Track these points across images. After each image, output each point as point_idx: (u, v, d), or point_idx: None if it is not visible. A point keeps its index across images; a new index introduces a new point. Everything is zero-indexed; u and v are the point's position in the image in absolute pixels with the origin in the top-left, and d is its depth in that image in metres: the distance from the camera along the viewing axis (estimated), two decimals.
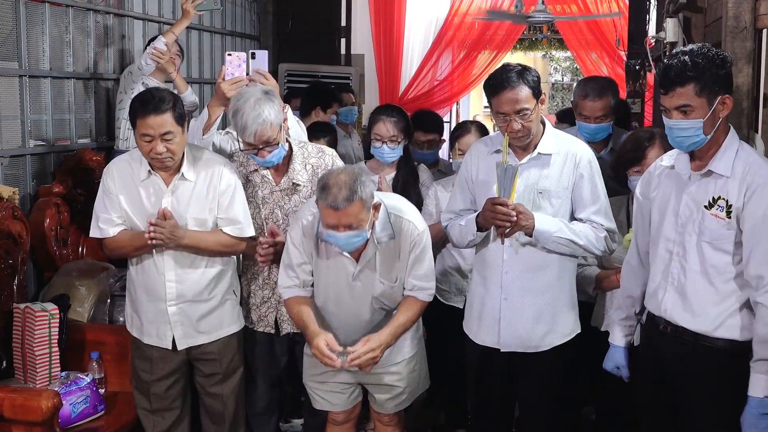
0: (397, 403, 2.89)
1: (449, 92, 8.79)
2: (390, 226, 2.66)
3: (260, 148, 2.80)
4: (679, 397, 2.37)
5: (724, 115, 2.24)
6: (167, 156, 2.70)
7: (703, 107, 2.21)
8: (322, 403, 2.90)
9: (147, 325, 2.89)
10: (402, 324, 2.69)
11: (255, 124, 2.73)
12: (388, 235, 2.65)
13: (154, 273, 2.83)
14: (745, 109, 2.88)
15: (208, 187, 2.82)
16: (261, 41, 6.27)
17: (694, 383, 2.32)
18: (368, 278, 2.69)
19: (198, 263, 2.85)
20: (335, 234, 2.52)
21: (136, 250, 2.82)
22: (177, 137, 2.71)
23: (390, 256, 2.68)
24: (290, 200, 2.96)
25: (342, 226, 2.50)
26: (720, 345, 2.26)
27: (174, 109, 2.70)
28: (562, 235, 2.64)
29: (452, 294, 3.54)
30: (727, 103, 2.24)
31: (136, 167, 2.81)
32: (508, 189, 2.58)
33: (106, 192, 2.82)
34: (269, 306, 3.02)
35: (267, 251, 2.88)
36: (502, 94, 2.60)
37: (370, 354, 2.59)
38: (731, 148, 2.26)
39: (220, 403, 2.98)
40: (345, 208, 2.46)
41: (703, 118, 2.21)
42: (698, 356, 2.30)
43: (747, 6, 2.85)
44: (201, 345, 2.91)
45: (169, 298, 2.83)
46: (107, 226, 2.81)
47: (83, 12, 3.99)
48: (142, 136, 2.69)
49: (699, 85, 2.20)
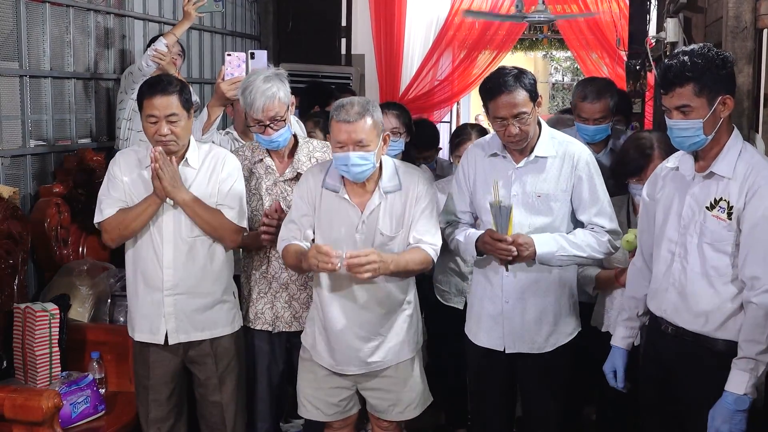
0: (399, 410, 2.82)
1: (450, 92, 8.79)
2: (397, 177, 2.68)
3: (267, 124, 2.82)
4: (681, 397, 2.37)
5: (725, 116, 2.24)
6: (171, 138, 2.72)
7: (702, 108, 2.21)
8: (313, 413, 2.82)
9: (140, 319, 2.86)
10: (406, 259, 2.62)
11: (264, 97, 2.78)
12: (395, 186, 2.66)
13: (153, 260, 2.81)
14: (745, 109, 2.88)
15: (211, 175, 2.83)
16: (261, 41, 6.27)
17: (695, 384, 2.32)
18: (371, 231, 2.67)
19: (197, 254, 2.83)
20: (344, 154, 2.54)
21: (135, 218, 2.76)
22: (182, 121, 2.73)
23: (395, 208, 2.67)
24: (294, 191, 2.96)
25: (352, 143, 2.53)
26: (720, 346, 2.27)
27: (181, 93, 2.74)
28: (565, 252, 2.63)
29: (452, 295, 3.55)
30: (728, 103, 2.23)
31: (143, 155, 2.83)
32: (504, 226, 2.58)
33: (111, 177, 2.83)
34: (266, 302, 3.01)
35: (271, 222, 2.86)
36: (499, 98, 2.58)
37: (371, 257, 2.50)
38: (734, 150, 2.26)
39: (218, 412, 2.94)
40: (356, 121, 2.52)
41: (703, 119, 2.21)
42: (698, 357, 2.30)
43: (747, 6, 2.84)
44: (195, 344, 2.87)
45: (166, 287, 2.81)
46: (109, 209, 2.80)
47: (84, 12, 3.99)
48: (147, 117, 2.71)
49: (698, 85, 2.20)
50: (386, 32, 8.48)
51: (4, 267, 3.18)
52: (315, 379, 2.80)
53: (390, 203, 2.66)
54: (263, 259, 3.00)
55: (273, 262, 2.98)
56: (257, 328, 3.03)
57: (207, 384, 2.93)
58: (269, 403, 3.14)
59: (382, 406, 2.83)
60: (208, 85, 5.40)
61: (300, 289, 2.99)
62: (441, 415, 3.88)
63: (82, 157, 3.78)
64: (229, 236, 2.86)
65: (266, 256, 2.99)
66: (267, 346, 3.06)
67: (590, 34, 8.33)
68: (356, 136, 2.52)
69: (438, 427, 3.87)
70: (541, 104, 2.68)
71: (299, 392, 2.87)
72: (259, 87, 2.79)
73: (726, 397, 2.20)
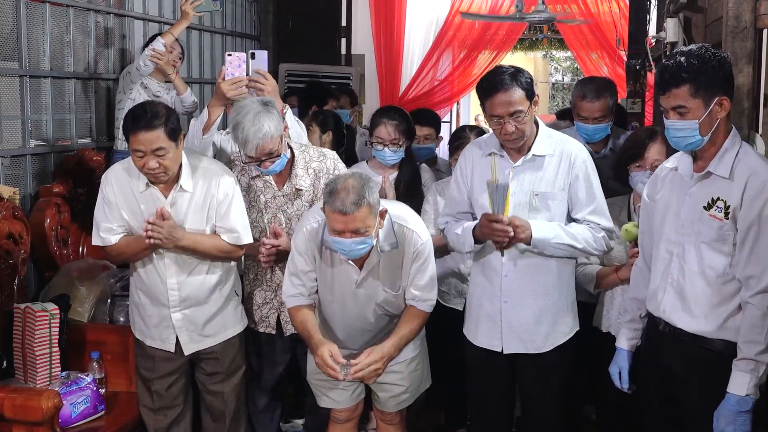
0: (398, 402, 2.90)
1: (450, 92, 8.80)
2: (393, 234, 2.66)
3: (263, 160, 2.81)
4: (680, 398, 2.37)
5: (722, 117, 2.24)
6: (160, 171, 2.69)
7: (699, 108, 2.21)
8: (326, 401, 2.90)
9: (151, 329, 2.90)
10: (405, 336, 2.70)
11: (256, 138, 2.73)
12: (391, 244, 2.65)
13: (157, 279, 2.84)
14: (745, 109, 2.88)
15: (206, 196, 2.81)
16: (261, 41, 6.27)
17: (694, 385, 2.32)
18: (371, 285, 2.69)
19: (200, 269, 2.86)
20: (342, 240, 2.52)
21: (136, 254, 2.83)
22: (170, 152, 2.68)
23: (393, 264, 2.69)
24: (293, 205, 2.97)
25: (349, 231, 2.49)
26: (717, 346, 2.27)
27: (166, 124, 2.66)
28: (560, 240, 2.64)
29: (452, 296, 3.55)
30: (724, 104, 2.23)
31: (134, 179, 2.80)
32: (501, 206, 2.59)
33: (106, 201, 2.82)
34: (271, 307, 3.02)
35: (270, 251, 2.88)
36: (495, 96, 2.58)
37: (373, 366, 2.60)
38: (731, 150, 2.26)
39: (220, 401, 2.99)
40: (353, 212, 2.46)
41: (699, 119, 2.21)
42: (697, 357, 2.30)
43: (747, 6, 2.85)
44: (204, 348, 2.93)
45: (172, 304, 2.84)
46: (108, 235, 2.82)
47: (84, 12, 3.99)
48: (134, 152, 2.68)
49: (694, 86, 2.20)
50: (386, 32, 8.48)
51: (4, 267, 3.18)
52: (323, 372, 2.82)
53: (387, 260, 2.68)
54: (267, 269, 3.01)
55: (277, 272, 2.99)
56: (260, 331, 3.04)
57: (212, 378, 2.98)
58: (270, 403, 3.14)
59: (385, 397, 2.88)
60: (208, 85, 5.40)
61: None
62: (441, 415, 3.89)
63: (82, 157, 3.78)
64: (231, 257, 2.91)
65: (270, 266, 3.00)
66: (269, 346, 3.07)
67: (590, 34, 8.34)
68: (353, 225, 2.49)
69: (438, 427, 3.87)
70: (538, 103, 2.67)
71: (311, 384, 2.91)
72: (249, 128, 2.72)
73: (729, 398, 2.20)
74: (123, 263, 2.91)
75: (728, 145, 2.26)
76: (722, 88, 2.23)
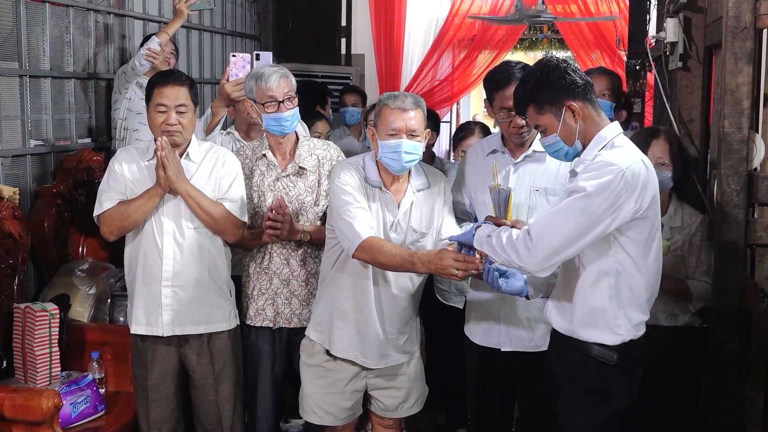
0: (408, 406, 2.86)
1: (450, 92, 8.79)
2: (424, 175, 2.72)
3: (281, 101, 2.86)
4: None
5: (580, 120, 2.24)
6: (178, 129, 2.77)
7: (552, 123, 2.26)
8: (325, 418, 2.81)
9: (138, 311, 2.87)
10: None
11: (277, 74, 2.87)
12: (424, 184, 2.70)
13: (153, 251, 2.82)
14: (745, 109, 2.87)
15: (212, 170, 2.87)
16: (261, 41, 6.27)
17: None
18: (403, 229, 2.69)
19: (197, 247, 2.85)
20: (397, 142, 2.54)
21: (136, 210, 2.78)
22: (189, 113, 2.80)
23: (424, 206, 2.70)
24: (296, 186, 2.97)
25: (407, 131, 2.55)
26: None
27: (191, 86, 2.82)
28: None
29: (452, 294, 3.55)
30: (574, 108, 2.23)
31: (143, 151, 2.88)
32: (503, 210, 2.60)
33: (111, 172, 2.86)
34: (267, 298, 3.01)
35: (276, 218, 2.86)
36: (507, 88, 2.61)
37: None
38: (594, 149, 2.24)
39: (215, 412, 2.94)
40: (412, 110, 2.55)
41: (557, 132, 2.25)
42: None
43: (747, 6, 2.84)
44: (191, 340, 2.88)
45: (164, 277, 2.82)
46: (109, 200, 2.81)
47: (84, 12, 3.99)
48: (156, 107, 2.76)
49: (537, 106, 2.26)
50: (386, 32, 8.48)
51: (4, 267, 3.18)
52: (329, 384, 2.79)
53: (420, 201, 2.70)
54: (264, 255, 3.00)
55: (274, 258, 2.98)
56: (258, 325, 3.03)
57: (203, 384, 2.93)
58: (271, 403, 3.14)
59: (393, 404, 2.85)
60: (208, 85, 5.40)
61: (301, 285, 3.00)
62: (441, 415, 3.89)
63: (82, 157, 3.78)
64: (230, 229, 2.87)
65: (267, 251, 2.99)
66: (268, 345, 3.06)
67: (590, 34, 8.34)
68: (411, 124, 2.56)
69: (438, 427, 3.88)
70: None
71: (307, 399, 2.84)
72: (271, 68, 2.89)
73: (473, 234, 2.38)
74: (120, 234, 2.83)
75: (592, 145, 2.25)
76: (564, 94, 2.23)
